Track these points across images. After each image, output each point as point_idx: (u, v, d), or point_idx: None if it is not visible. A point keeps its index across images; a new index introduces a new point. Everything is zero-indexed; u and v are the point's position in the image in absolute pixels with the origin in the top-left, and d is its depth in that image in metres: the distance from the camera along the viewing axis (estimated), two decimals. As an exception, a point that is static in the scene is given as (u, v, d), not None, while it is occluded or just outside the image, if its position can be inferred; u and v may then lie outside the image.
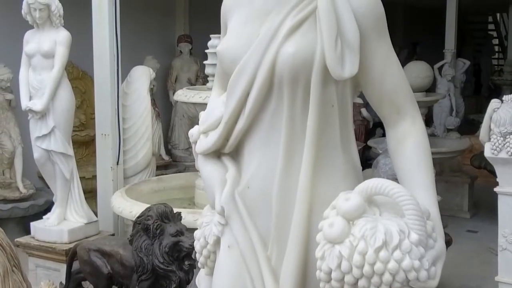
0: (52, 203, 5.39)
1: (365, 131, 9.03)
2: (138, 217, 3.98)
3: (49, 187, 5.46)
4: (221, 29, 2.04)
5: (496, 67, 17.55)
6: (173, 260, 3.83)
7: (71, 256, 4.50)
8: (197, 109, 4.74)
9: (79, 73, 7.87)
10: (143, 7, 8.86)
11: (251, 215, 1.85)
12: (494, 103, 4.61)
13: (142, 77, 5.98)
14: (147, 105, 5.96)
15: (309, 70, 1.77)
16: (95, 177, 5.87)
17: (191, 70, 9.35)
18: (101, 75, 5.54)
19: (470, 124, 11.13)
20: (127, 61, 6.09)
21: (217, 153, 1.95)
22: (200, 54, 7.82)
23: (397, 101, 1.89)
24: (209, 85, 4.98)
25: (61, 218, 5.14)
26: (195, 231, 2.03)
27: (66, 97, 5.04)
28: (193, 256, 3.59)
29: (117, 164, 5.62)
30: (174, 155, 9.02)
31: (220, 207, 1.86)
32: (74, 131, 5.90)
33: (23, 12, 5.03)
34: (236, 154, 1.94)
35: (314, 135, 1.79)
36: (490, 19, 19.27)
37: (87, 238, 5.02)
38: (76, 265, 4.44)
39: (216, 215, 1.89)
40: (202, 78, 8.89)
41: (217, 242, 1.91)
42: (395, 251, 1.55)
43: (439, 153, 6.94)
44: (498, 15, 18.94)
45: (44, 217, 5.28)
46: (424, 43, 14.45)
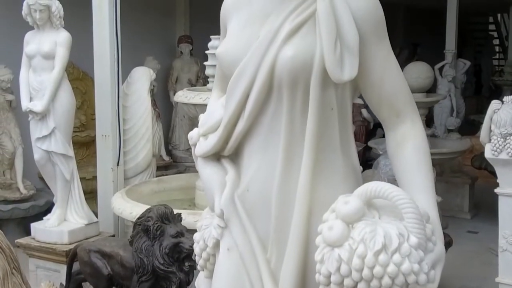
0: (52, 204, 5.39)
1: (366, 132, 9.02)
2: (138, 218, 3.98)
3: (49, 188, 5.45)
4: (220, 32, 2.04)
5: (496, 67, 17.54)
6: (174, 261, 3.83)
7: (71, 257, 4.50)
8: (197, 110, 4.74)
9: (80, 73, 7.87)
10: (143, 7, 8.86)
11: (251, 218, 1.85)
12: (494, 104, 4.61)
13: (142, 78, 5.98)
14: (148, 106, 5.96)
15: (308, 73, 1.77)
16: (95, 177, 5.86)
17: (191, 70, 9.35)
18: (102, 76, 5.54)
19: (470, 124, 11.12)
20: (127, 62, 6.09)
21: (216, 156, 1.96)
22: (200, 54, 7.81)
23: (397, 104, 1.89)
24: (209, 86, 4.98)
25: (61, 219, 5.14)
26: (194, 234, 2.03)
27: (66, 98, 5.03)
28: (194, 257, 3.59)
29: (118, 165, 5.61)
30: (174, 155, 9.02)
31: (219, 210, 1.86)
32: (74, 131, 5.90)
33: (23, 13, 5.02)
34: (235, 156, 1.94)
35: (313, 138, 1.79)
36: (490, 19, 19.27)
37: (87, 239, 5.01)
38: (76, 266, 4.44)
39: (215, 218, 1.89)
40: (202, 78, 8.89)
41: (217, 245, 1.91)
42: (395, 255, 1.55)
43: (439, 153, 6.94)
44: (498, 15, 18.93)
45: (44, 218, 5.27)
46: (424, 43, 14.45)
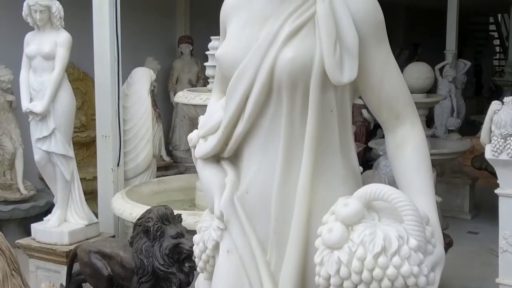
0: (52, 205, 5.39)
1: (366, 132, 9.02)
2: (138, 219, 3.98)
3: (49, 188, 5.45)
4: (220, 34, 2.04)
5: (497, 68, 17.54)
6: (174, 262, 3.83)
7: (71, 258, 4.50)
8: (197, 110, 4.74)
9: (80, 74, 7.88)
10: (143, 8, 8.86)
11: (250, 220, 1.85)
12: (494, 105, 4.61)
13: (142, 79, 5.98)
14: (148, 107, 5.96)
15: (308, 75, 1.77)
16: (96, 178, 5.86)
17: (192, 71, 9.35)
18: (102, 76, 5.54)
19: (471, 125, 11.12)
20: (127, 62, 6.09)
21: (216, 158, 1.96)
22: (201, 55, 7.82)
23: (396, 106, 1.89)
24: (209, 86, 4.98)
25: (61, 219, 5.13)
26: (194, 236, 2.03)
27: (66, 99, 5.03)
28: (194, 258, 3.59)
29: (118, 165, 5.61)
30: (175, 156, 9.02)
31: (219, 212, 1.86)
32: (75, 132, 5.90)
33: (23, 14, 5.02)
34: (235, 158, 1.94)
35: (313, 140, 1.79)
36: (491, 19, 19.26)
37: (87, 239, 5.00)
38: (76, 267, 4.44)
39: (215, 220, 1.89)
40: (203, 79, 8.89)
41: (216, 246, 1.91)
42: (394, 257, 1.55)
43: (440, 154, 6.94)
44: (499, 15, 18.93)
45: (44, 218, 5.27)
46: (425, 44, 14.45)
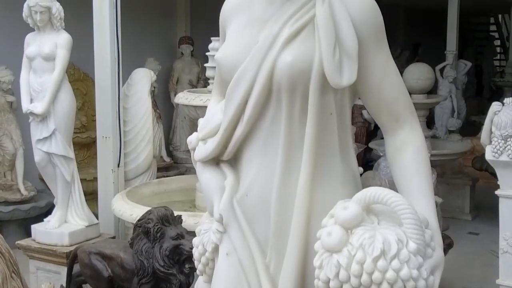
0: (53, 205, 5.39)
1: (367, 133, 9.02)
2: (138, 220, 3.98)
3: (50, 189, 5.45)
4: (219, 36, 2.04)
5: (497, 68, 17.54)
6: (174, 263, 3.83)
7: (71, 259, 4.50)
8: (197, 111, 4.74)
9: (81, 75, 7.88)
10: (143, 8, 8.86)
11: (250, 223, 1.85)
12: (495, 106, 4.60)
13: (143, 80, 5.98)
14: (148, 108, 5.96)
15: (307, 78, 1.77)
16: (96, 179, 5.86)
17: (192, 71, 9.35)
18: (102, 77, 5.54)
19: (471, 125, 11.12)
20: (128, 63, 6.10)
21: (215, 160, 1.95)
22: (201, 55, 7.81)
23: (396, 109, 1.89)
24: (210, 87, 4.98)
25: (62, 220, 5.13)
26: (193, 239, 2.03)
27: (67, 99, 5.03)
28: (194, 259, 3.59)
29: (118, 166, 5.61)
30: (175, 156, 9.03)
31: (218, 214, 1.86)
32: (75, 133, 5.90)
33: (24, 15, 5.02)
34: (234, 161, 1.94)
35: (312, 143, 1.79)
36: (491, 20, 19.26)
37: (87, 240, 5.01)
38: (76, 268, 4.44)
39: (214, 223, 1.89)
40: (203, 80, 8.89)
41: (216, 249, 1.91)
42: (393, 261, 1.55)
43: (440, 155, 6.95)
44: (500, 16, 18.93)
45: (45, 219, 5.27)
46: (425, 44, 14.45)
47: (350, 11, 1.80)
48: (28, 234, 5.57)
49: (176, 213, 3.95)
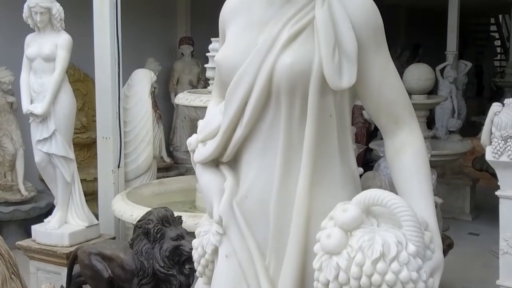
0: (53, 206, 5.39)
1: (367, 133, 9.02)
2: (138, 221, 3.98)
3: (50, 189, 5.46)
4: (219, 38, 2.04)
5: (498, 68, 17.53)
6: (174, 264, 3.83)
7: (72, 259, 4.50)
8: (198, 112, 4.74)
9: (81, 75, 7.89)
10: (144, 9, 8.86)
11: (249, 225, 1.84)
12: (495, 106, 4.60)
13: (143, 80, 5.99)
14: (148, 108, 5.96)
15: (306, 80, 1.76)
16: (96, 179, 5.86)
17: (192, 72, 9.35)
18: (102, 78, 5.54)
19: (472, 126, 11.12)
20: (128, 64, 6.09)
21: (215, 162, 1.95)
22: (201, 56, 7.81)
23: (395, 111, 1.89)
24: (210, 88, 4.97)
25: (62, 221, 5.14)
26: (193, 240, 2.03)
27: (67, 100, 5.03)
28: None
29: (118, 167, 5.62)
30: (175, 157, 9.03)
31: (218, 216, 1.85)
32: (75, 133, 5.91)
33: (24, 15, 5.02)
34: (234, 163, 1.93)
35: (312, 144, 1.79)
36: (492, 20, 19.26)
37: (88, 241, 5.01)
38: (76, 269, 4.44)
39: (214, 225, 1.89)
40: (203, 80, 8.89)
41: (215, 251, 1.91)
42: (393, 263, 1.55)
43: (440, 155, 6.95)
44: (500, 16, 18.93)
45: (45, 220, 5.27)
46: (426, 44, 14.45)
47: (349, 13, 1.80)
48: (28, 234, 5.57)
49: (176, 214, 3.95)
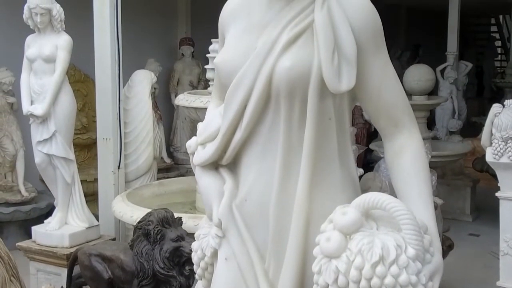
0: (53, 206, 5.39)
1: (367, 134, 9.02)
2: (138, 222, 3.98)
3: (50, 190, 5.46)
4: (219, 41, 2.04)
5: (498, 69, 17.54)
6: (174, 265, 3.83)
7: (72, 260, 4.51)
8: (198, 113, 4.74)
9: (81, 76, 7.89)
10: (144, 10, 8.86)
11: (249, 228, 1.84)
12: (495, 107, 4.60)
13: (143, 81, 5.99)
14: (149, 109, 5.96)
15: (306, 83, 1.76)
16: (97, 180, 5.87)
17: (193, 72, 9.35)
18: (102, 79, 5.54)
19: (472, 126, 11.13)
20: (128, 64, 6.10)
21: (214, 165, 1.95)
22: (202, 56, 7.81)
23: (395, 114, 1.88)
24: (210, 89, 4.97)
25: (62, 222, 5.14)
26: (192, 243, 2.02)
27: (67, 101, 5.03)
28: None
29: (118, 168, 5.62)
30: (176, 157, 9.03)
31: (217, 219, 1.85)
32: (76, 134, 5.91)
33: (24, 16, 5.02)
34: (233, 166, 1.93)
35: (311, 148, 1.78)
36: (492, 21, 19.26)
37: (88, 242, 5.01)
38: (77, 270, 4.44)
39: (213, 227, 1.89)
40: (204, 81, 8.89)
41: (215, 254, 1.90)
42: (392, 266, 1.54)
43: (441, 156, 6.94)
44: (500, 17, 18.93)
45: (45, 221, 5.27)
46: (426, 45, 14.45)
47: (349, 16, 1.80)
48: (28, 235, 5.57)
49: (176, 215, 3.95)
